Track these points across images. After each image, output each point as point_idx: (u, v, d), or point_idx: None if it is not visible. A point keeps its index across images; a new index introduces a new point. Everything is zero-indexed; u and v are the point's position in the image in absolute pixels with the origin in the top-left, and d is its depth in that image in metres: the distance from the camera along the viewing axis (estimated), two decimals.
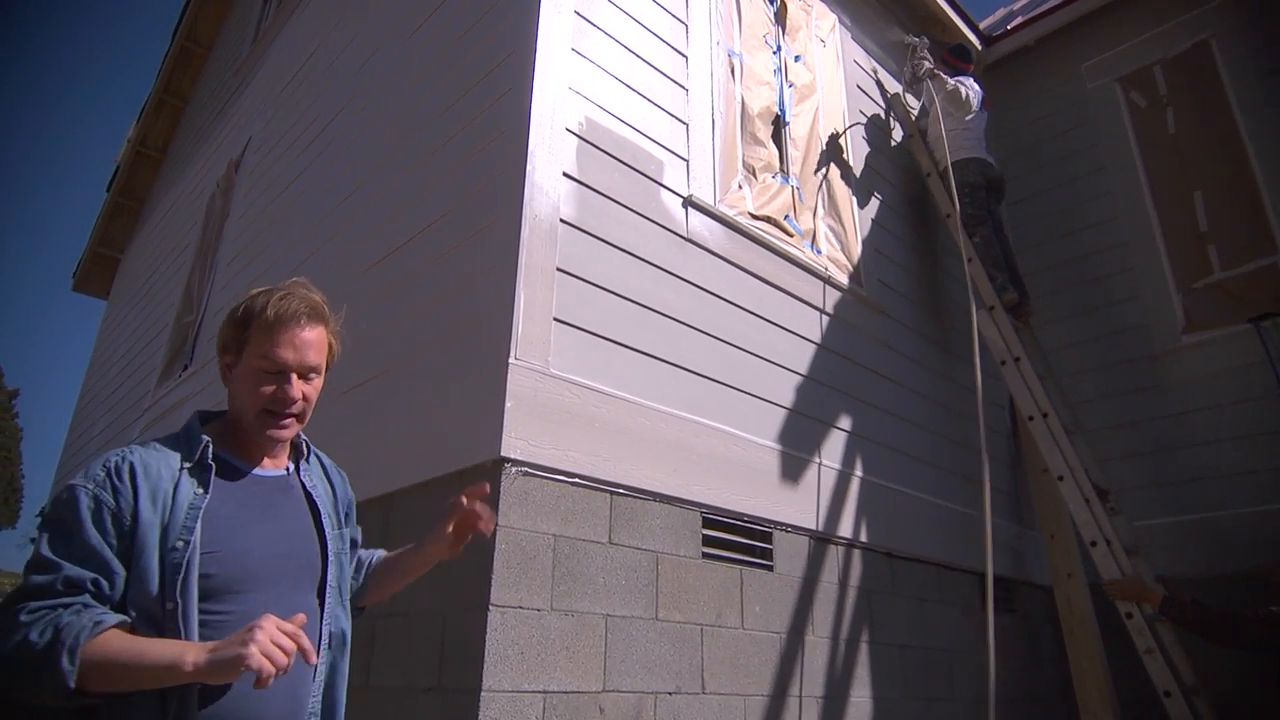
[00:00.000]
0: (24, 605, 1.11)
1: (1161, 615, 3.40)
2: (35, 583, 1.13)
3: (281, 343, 1.35)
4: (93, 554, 1.16)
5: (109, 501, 1.20)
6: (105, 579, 1.16)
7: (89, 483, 1.20)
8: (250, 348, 1.36)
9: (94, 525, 1.17)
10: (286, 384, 1.35)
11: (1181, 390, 4.55)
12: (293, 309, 1.37)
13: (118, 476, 1.22)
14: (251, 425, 1.36)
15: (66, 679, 1.05)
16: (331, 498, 1.51)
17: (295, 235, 4.55)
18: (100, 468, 1.23)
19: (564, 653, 2.38)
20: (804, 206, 4.00)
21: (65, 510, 1.18)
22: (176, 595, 1.18)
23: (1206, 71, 4.98)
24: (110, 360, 8.30)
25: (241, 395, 1.37)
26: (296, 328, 1.36)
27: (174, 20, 8.95)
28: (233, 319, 1.40)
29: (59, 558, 1.14)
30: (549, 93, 2.92)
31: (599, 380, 2.74)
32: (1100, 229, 5.11)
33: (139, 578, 1.18)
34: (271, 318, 1.35)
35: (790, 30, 4.39)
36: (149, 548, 1.19)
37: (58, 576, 1.13)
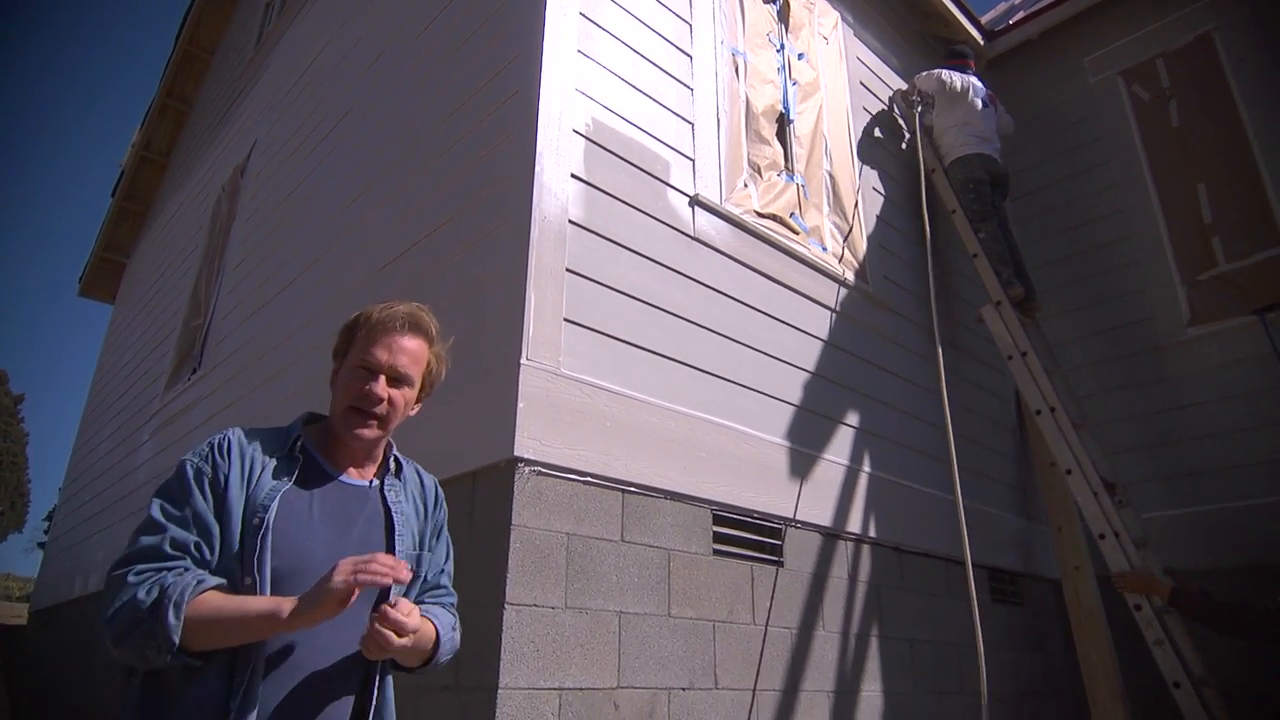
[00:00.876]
0: (132, 567, 1.19)
1: (1170, 607, 3.42)
2: (143, 544, 1.22)
3: (378, 343, 1.42)
4: (196, 518, 1.25)
5: (208, 471, 1.30)
6: (205, 542, 1.25)
7: (195, 456, 1.32)
8: (353, 350, 1.45)
9: (198, 491, 1.27)
10: (374, 382, 1.41)
11: (1188, 383, 4.56)
12: (395, 314, 1.45)
13: (219, 451, 1.33)
14: (338, 423, 1.43)
15: (172, 634, 1.12)
16: (418, 518, 1.52)
17: (303, 238, 4.58)
18: (206, 444, 1.34)
19: (579, 650, 2.41)
20: (809, 204, 4.01)
21: (174, 480, 1.29)
22: (254, 570, 1.25)
23: (1209, 65, 4.99)
24: (118, 364, 8.33)
25: (336, 395, 1.45)
26: (396, 332, 1.44)
27: (177, 24, 8.99)
28: (343, 326, 1.49)
29: (166, 521, 1.24)
30: (555, 94, 2.94)
31: (609, 380, 2.76)
32: (1104, 223, 5.12)
33: (224, 548, 1.26)
34: (374, 321, 1.44)
35: (793, 28, 4.40)
36: (234, 519, 1.27)
37: (164, 537, 1.22)
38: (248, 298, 5.12)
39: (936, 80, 4.79)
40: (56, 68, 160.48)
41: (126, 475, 6.54)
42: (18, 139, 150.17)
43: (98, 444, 7.97)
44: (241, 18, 8.22)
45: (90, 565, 6.76)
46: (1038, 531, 4.63)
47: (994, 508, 4.40)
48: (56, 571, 8.08)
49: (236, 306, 5.29)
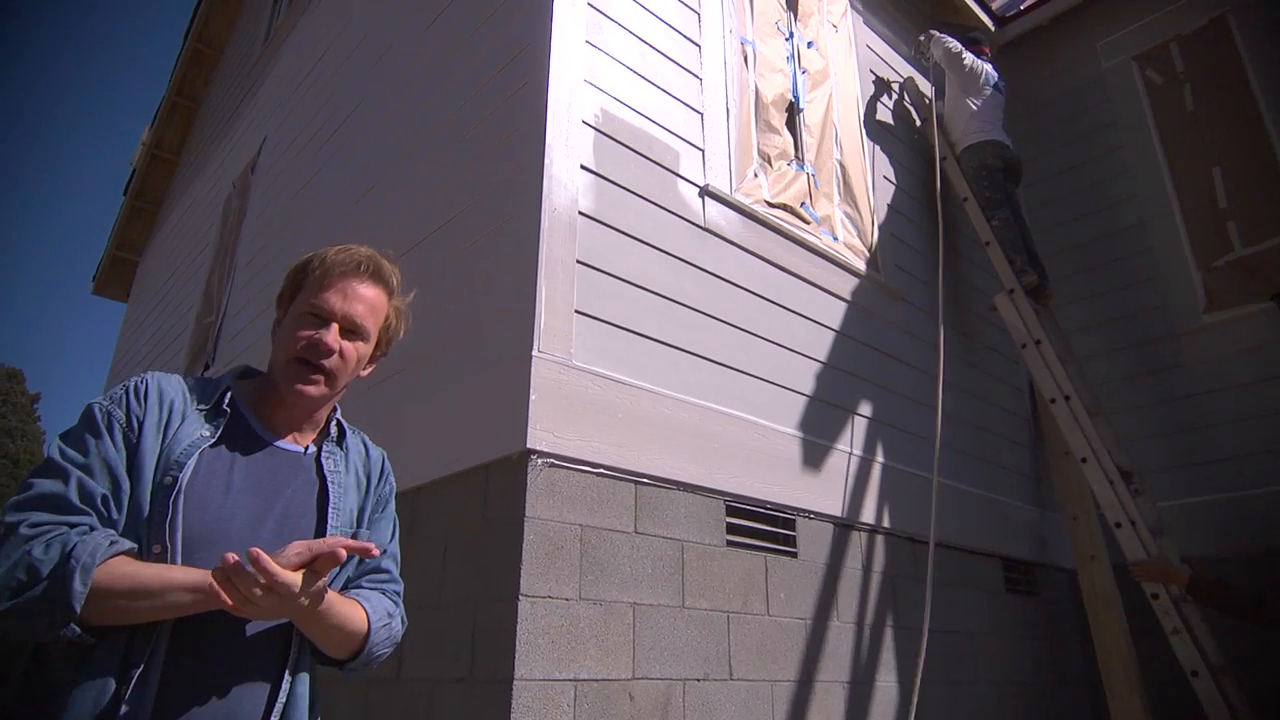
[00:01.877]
0: (27, 516, 1.01)
1: (1188, 595, 3.40)
2: (43, 490, 1.04)
3: (332, 287, 1.25)
4: (106, 467, 1.09)
5: (119, 416, 1.14)
6: (114, 498, 1.09)
7: (107, 400, 1.16)
8: (301, 294, 1.27)
9: (109, 437, 1.11)
10: (325, 330, 1.24)
11: (1204, 370, 4.52)
12: (355, 256, 1.28)
13: (135, 395, 1.16)
14: (280, 375, 1.24)
15: (75, 600, 0.96)
16: (359, 491, 1.34)
17: (313, 233, 4.59)
18: (121, 387, 1.18)
19: (593, 641, 2.41)
20: (820, 193, 3.99)
21: (82, 423, 1.13)
22: (165, 536, 1.09)
23: (1225, 48, 4.92)
24: (132, 362, 8.39)
25: (278, 346, 1.27)
26: (353, 276, 1.27)
27: (185, 22, 9.01)
28: (292, 268, 1.31)
29: (71, 465, 1.08)
30: (564, 86, 2.93)
31: (621, 371, 2.75)
32: (1119, 209, 5.07)
33: (132, 508, 1.10)
34: (329, 262, 1.27)
35: (802, 16, 4.37)
36: (145, 474, 1.12)
37: (70, 486, 1.05)
38: (259, 294, 5.14)
39: (951, 53, 4.73)
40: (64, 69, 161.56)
41: None
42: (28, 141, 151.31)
43: None
44: (249, 14, 8.23)
45: None
46: (1053, 521, 4.60)
47: (1008, 497, 4.38)
48: None
49: (248, 303, 5.31)
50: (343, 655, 1.25)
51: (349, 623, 1.20)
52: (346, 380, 1.30)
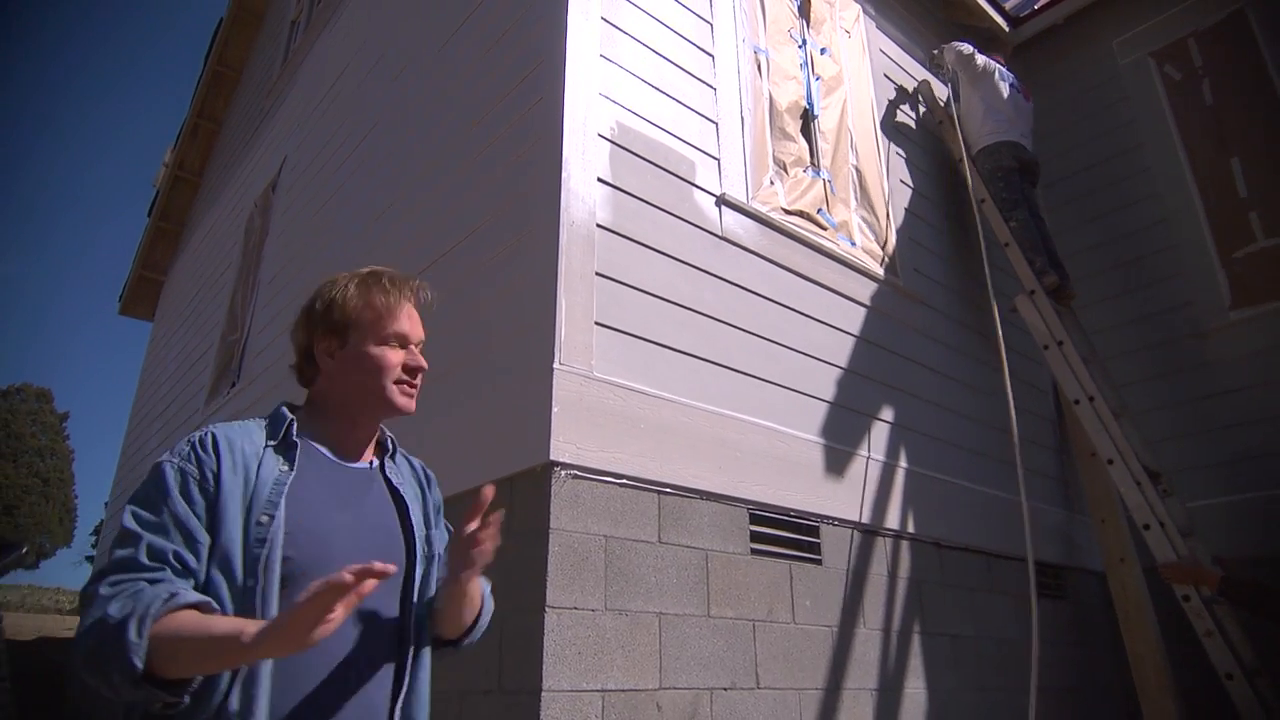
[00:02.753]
0: (105, 579, 1.06)
1: (1220, 597, 3.35)
2: (118, 557, 1.09)
3: (403, 315, 1.38)
4: (178, 523, 1.12)
5: (193, 471, 1.17)
6: (189, 550, 1.12)
7: (174, 457, 1.18)
8: (368, 326, 1.35)
9: (180, 494, 1.14)
10: (416, 354, 1.39)
11: (1231, 367, 4.46)
12: (407, 285, 1.41)
13: (202, 448, 1.19)
14: (380, 398, 1.34)
15: (131, 654, 0.96)
16: (421, 500, 1.46)
17: (335, 250, 4.65)
18: (185, 443, 1.21)
19: (620, 652, 2.42)
20: (836, 199, 3.99)
21: (150, 484, 1.16)
22: (259, 572, 1.14)
23: (1243, 42, 4.88)
24: (159, 380, 8.52)
25: (364, 370, 1.34)
26: (411, 300, 1.41)
27: (205, 45, 9.18)
28: (327, 304, 1.37)
29: (142, 529, 1.11)
30: (580, 100, 2.95)
31: (642, 381, 2.77)
32: (1140, 206, 5.03)
33: (220, 551, 1.14)
34: (389, 285, 1.39)
35: (814, 23, 4.38)
36: (231, 519, 1.16)
37: (139, 548, 1.09)
38: (283, 311, 5.21)
39: (959, 55, 4.74)
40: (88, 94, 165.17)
41: None
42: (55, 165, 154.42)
43: (142, 458, 8.15)
44: (267, 36, 8.37)
45: None
46: (1080, 523, 4.55)
47: (1034, 500, 4.33)
48: None
49: (272, 320, 5.38)
50: (459, 632, 1.42)
51: (475, 595, 1.39)
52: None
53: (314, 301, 1.38)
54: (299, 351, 1.39)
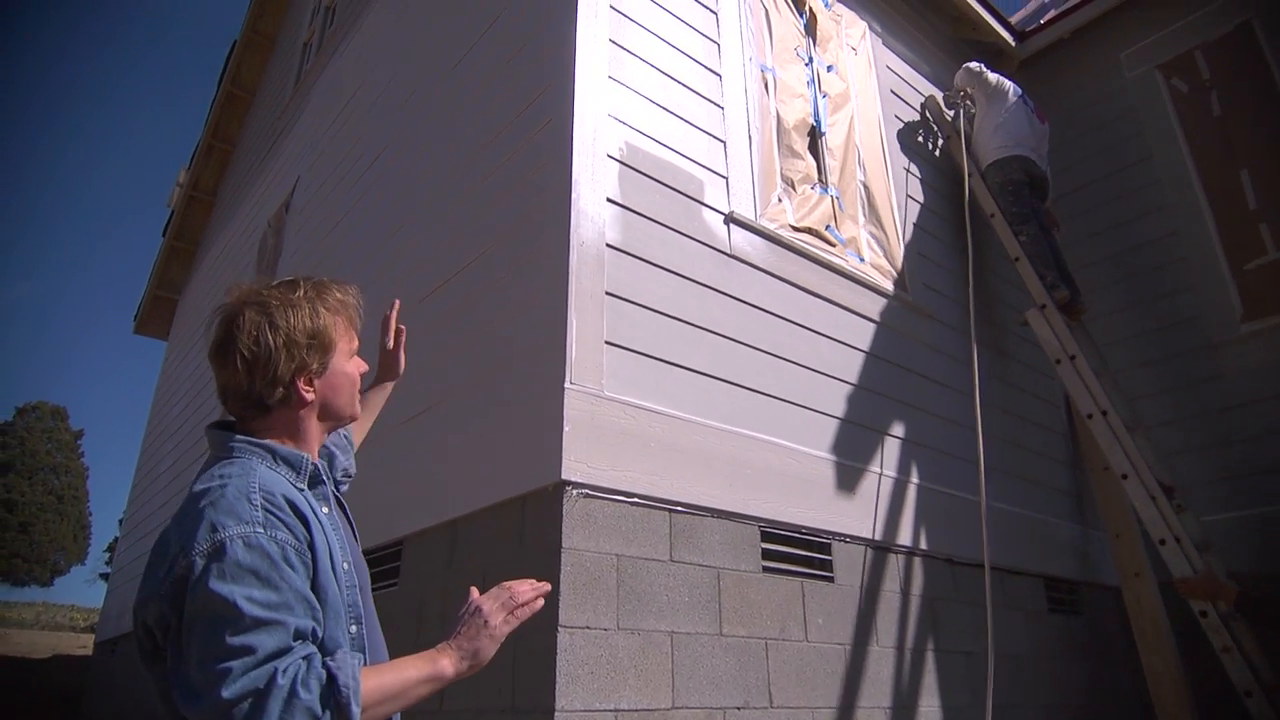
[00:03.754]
0: (274, 668, 0.98)
1: (1237, 612, 3.32)
2: (268, 648, 0.99)
3: (353, 325, 1.35)
4: (302, 600, 1.06)
5: (289, 540, 1.08)
6: (315, 620, 1.08)
7: (257, 526, 1.06)
8: (344, 341, 1.31)
9: (289, 569, 1.06)
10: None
11: (1244, 380, 4.44)
12: (349, 292, 1.36)
13: (278, 509, 1.10)
14: (349, 414, 1.34)
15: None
16: None
17: (348, 270, 4.69)
18: (251, 506, 1.08)
19: (632, 671, 2.42)
20: (845, 215, 4.01)
21: (253, 561, 1.03)
22: (359, 616, 1.17)
23: (1250, 54, 4.88)
24: (173, 398, 8.59)
25: (342, 389, 1.31)
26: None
27: (219, 68, 9.30)
28: (313, 327, 1.25)
29: (277, 614, 1.02)
30: (589, 121, 2.99)
31: (652, 400, 2.78)
32: (1150, 219, 5.02)
33: (330, 609, 1.13)
34: (349, 301, 1.34)
35: (821, 41, 4.41)
36: (326, 575, 1.13)
37: (286, 633, 1.02)
38: None
39: (966, 72, 4.77)
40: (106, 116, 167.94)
41: None
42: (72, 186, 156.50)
43: (156, 476, 8.21)
44: (280, 58, 8.48)
45: None
46: (1095, 538, 4.52)
47: (1048, 514, 4.31)
48: (120, 602, 8.32)
49: None
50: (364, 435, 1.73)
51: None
52: None
53: (284, 330, 1.22)
54: (277, 385, 1.22)
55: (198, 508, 1.08)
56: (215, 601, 0.99)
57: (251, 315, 1.22)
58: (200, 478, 1.16)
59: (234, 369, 1.21)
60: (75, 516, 37.56)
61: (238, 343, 1.20)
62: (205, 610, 1.00)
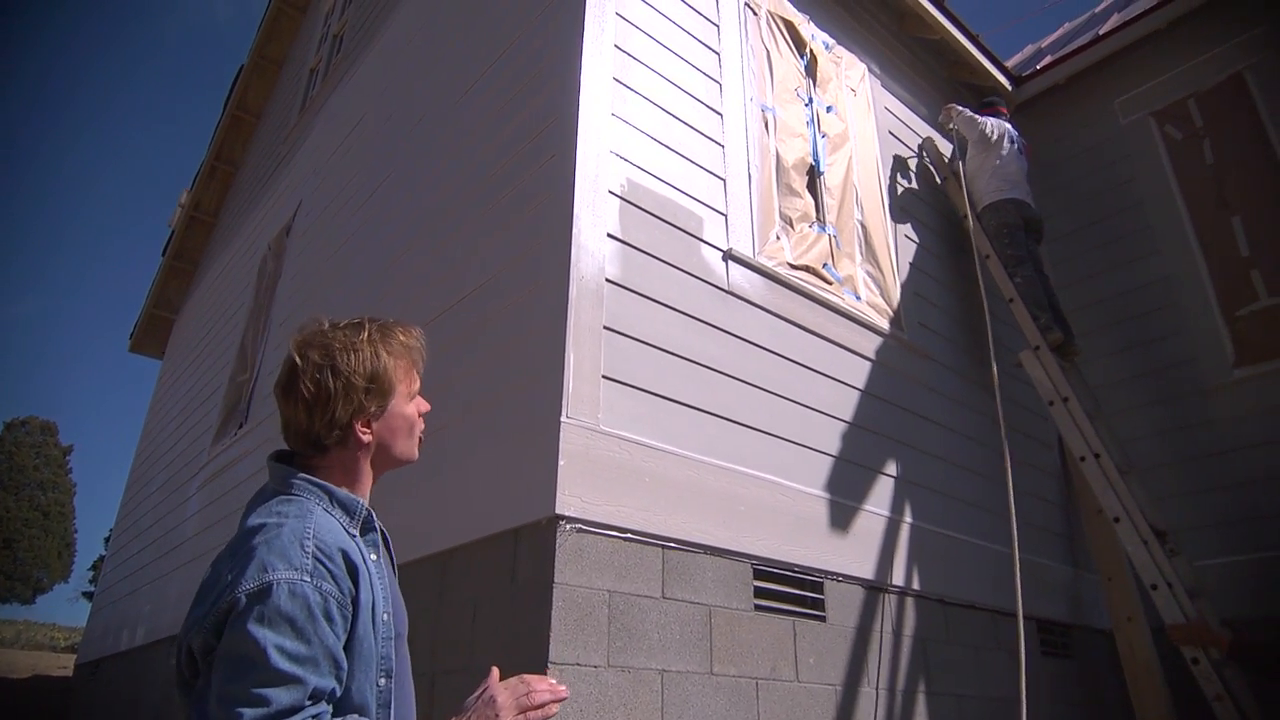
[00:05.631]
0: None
1: (1230, 659, 3.31)
2: (283, 704, 1.00)
3: (418, 369, 1.38)
4: (329, 654, 1.06)
5: (333, 591, 1.09)
6: (337, 680, 1.08)
7: (305, 574, 1.07)
8: (405, 385, 1.33)
9: (325, 620, 1.07)
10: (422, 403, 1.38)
11: (1237, 425, 4.46)
12: (418, 340, 1.38)
13: (329, 559, 1.10)
14: (408, 458, 1.36)
15: None
16: None
17: (347, 296, 4.71)
18: (303, 554, 1.09)
19: (621, 709, 2.40)
20: (842, 254, 4.04)
21: (292, 610, 1.04)
22: (390, 670, 1.17)
23: (1242, 103, 4.97)
24: (166, 419, 8.56)
25: (399, 431, 1.32)
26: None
27: (225, 91, 9.40)
28: (371, 374, 1.27)
29: (297, 667, 1.02)
30: (591, 157, 3.02)
31: (648, 435, 2.79)
32: (1143, 263, 5.08)
33: (362, 663, 1.12)
34: (412, 344, 1.35)
35: (821, 82, 4.48)
36: (366, 629, 1.14)
37: (304, 691, 1.02)
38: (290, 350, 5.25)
39: (968, 120, 4.85)
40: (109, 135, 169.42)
41: (175, 527, 6.67)
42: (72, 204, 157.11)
43: (146, 495, 8.16)
44: (286, 83, 8.57)
45: (138, 618, 6.88)
46: (1087, 581, 4.52)
47: (1040, 557, 4.31)
48: (104, 623, 8.22)
49: (283, 363, 5.43)
50: None
51: None
52: None
53: (345, 373, 1.25)
54: (335, 427, 1.25)
55: (251, 543, 1.09)
56: (248, 643, 1.01)
57: (315, 357, 1.26)
58: (257, 510, 1.18)
59: (295, 407, 1.25)
60: (61, 533, 37.17)
61: (300, 383, 1.25)
62: (237, 649, 1.02)
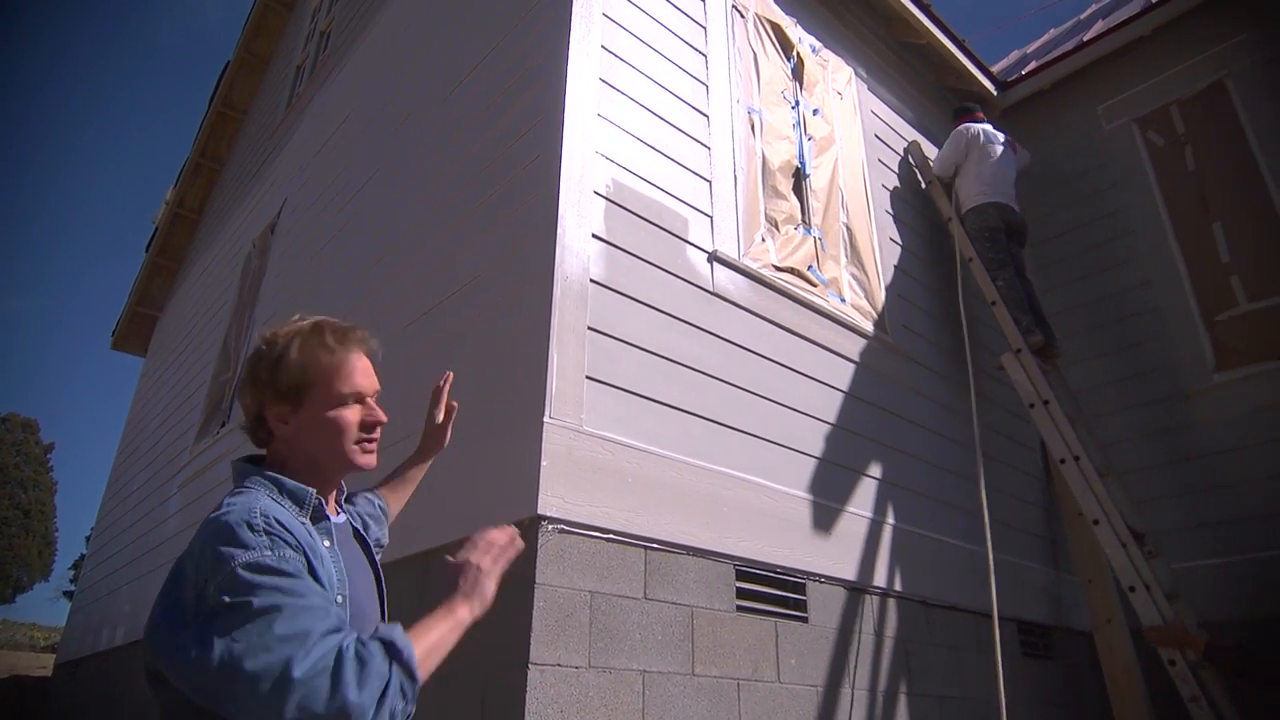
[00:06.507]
0: (336, 641, 1.03)
1: (1206, 661, 3.34)
2: (321, 628, 1.03)
3: (358, 369, 1.34)
4: (327, 597, 1.13)
5: (295, 557, 1.11)
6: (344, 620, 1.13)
7: (264, 550, 1.08)
8: (325, 387, 1.30)
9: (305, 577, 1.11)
10: (373, 408, 1.35)
11: (1216, 429, 4.51)
12: (357, 338, 1.36)
13: (278, 531, 1.13)
14: (338, 459, 1.31)
15: (418, 680, 1.10)
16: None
17: (331, 295, 4.69)
18: (254, 532, 1.10)
19: (603, 710, 2.40)
20: (827, 256, 4.06)
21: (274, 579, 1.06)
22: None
23: (1224, 110, 5.03)
24: (148, 416, 8.49)
25: (323, 435, 1.30)
26: (361, 351, 1.36)
27: (211, 86, 9.33)
28: (273, 367, 1.29)
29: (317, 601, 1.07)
30: (577, 157, 3.02)
31: (631, 436, 2.79)
32: (1124, 268, 5.12)
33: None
34: (340, 349, 1.33)
35: (808, 85, 4.50)
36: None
37: (330, 616, 1.07)
38: None
39: (953, 142, 4.89)
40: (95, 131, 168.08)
41: (156, 526, 6.62)
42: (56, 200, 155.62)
43: (128, 494, 8.08)
44: (273, 81, 8.52)
45: (119, 617, 6.81)
46: (1068, 583, 4.55)
47: (1022, 558, 4.34)
48: (84, 622, 8.14)
49: None
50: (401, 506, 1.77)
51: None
52: None
53: (257, 363, 1.30)
54: (248, 415, 1.32)
55: (203, 538, 1.11)
56: (249, 614, 1.01)
57: (255, 347, 1.34)
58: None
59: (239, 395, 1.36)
60: (41, 532, 36.76)
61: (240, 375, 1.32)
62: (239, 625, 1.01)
